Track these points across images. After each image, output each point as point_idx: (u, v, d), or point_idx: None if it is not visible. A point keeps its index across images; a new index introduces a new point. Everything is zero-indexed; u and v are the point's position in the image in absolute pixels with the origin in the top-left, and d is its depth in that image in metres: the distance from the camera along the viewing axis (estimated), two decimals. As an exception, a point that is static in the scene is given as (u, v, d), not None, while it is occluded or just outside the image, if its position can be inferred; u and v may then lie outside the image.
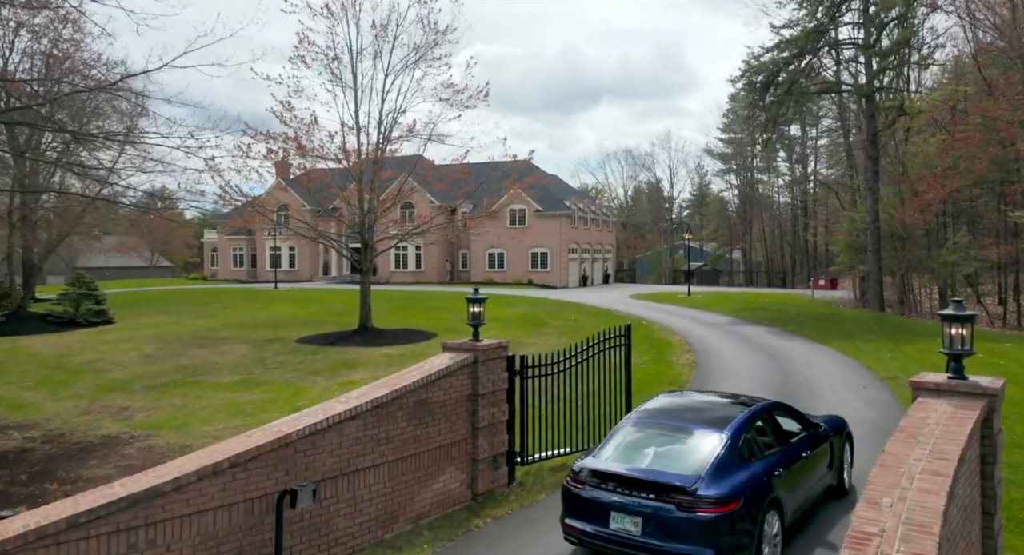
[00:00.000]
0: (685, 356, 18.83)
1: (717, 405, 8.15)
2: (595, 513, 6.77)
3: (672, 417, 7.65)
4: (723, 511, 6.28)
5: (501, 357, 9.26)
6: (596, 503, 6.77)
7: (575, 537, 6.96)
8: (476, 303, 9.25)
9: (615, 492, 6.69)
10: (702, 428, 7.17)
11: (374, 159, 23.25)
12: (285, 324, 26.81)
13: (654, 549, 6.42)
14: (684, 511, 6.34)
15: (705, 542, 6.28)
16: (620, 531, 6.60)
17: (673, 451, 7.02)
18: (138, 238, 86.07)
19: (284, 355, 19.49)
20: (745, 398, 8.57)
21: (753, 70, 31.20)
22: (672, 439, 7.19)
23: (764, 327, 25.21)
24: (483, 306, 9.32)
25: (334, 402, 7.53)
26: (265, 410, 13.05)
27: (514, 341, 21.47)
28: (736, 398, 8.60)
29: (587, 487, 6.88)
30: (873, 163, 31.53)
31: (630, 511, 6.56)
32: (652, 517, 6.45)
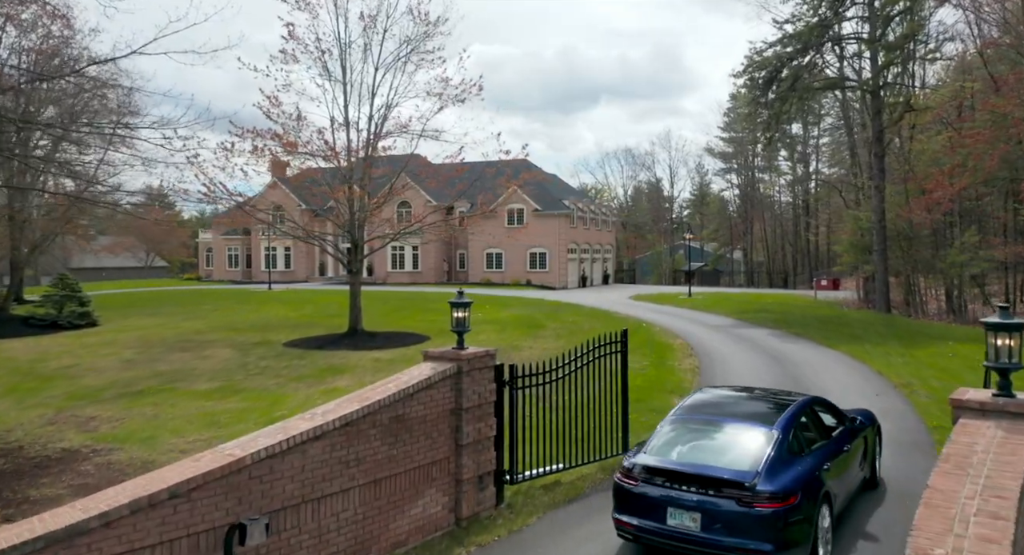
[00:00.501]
0: (687, 361, 18.03)
1: (759, 400, 8.33)
2: (650, 509, 6.78)
3: (717, 413, 7.74)
4: (782, 506, 6.32)
5: (488, 366, 8.46)
6: (651, 499, 6.79)
7: (629, 533, 6.98)
8: (460, 307, 8.44)
9: (671, 488, 6.71)
10: (750, 424, 7.27)
11: (364, 156, 22.45)
12: (274, 326, 26.00)
13: (714, 544, 6.43)
14: (744, 506, 6.36)
15: (765, 537, 6.29)
16: (679, 527, 6.61)
17: (724, 447, 7.07)
18: (133, 238, 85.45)
19: (269, 360, 18.68)
20: (783, 393, 8.72)
21: (756, 66, 30.40)
22: (721, 435, 7.26)
23: (768, 329, 24.40)
24: (468, 311, 8.52)
25: (297, 420, 6.72)
26: (240, 420, 12.24)
27: (509, 345, 20.71)
28: (774, 393, 8.77)
29: (641, 483, 6.89)
30: (879, 161, 30.72)
31: (688, 507, 6.57)
32: (711, 513, 6.47)
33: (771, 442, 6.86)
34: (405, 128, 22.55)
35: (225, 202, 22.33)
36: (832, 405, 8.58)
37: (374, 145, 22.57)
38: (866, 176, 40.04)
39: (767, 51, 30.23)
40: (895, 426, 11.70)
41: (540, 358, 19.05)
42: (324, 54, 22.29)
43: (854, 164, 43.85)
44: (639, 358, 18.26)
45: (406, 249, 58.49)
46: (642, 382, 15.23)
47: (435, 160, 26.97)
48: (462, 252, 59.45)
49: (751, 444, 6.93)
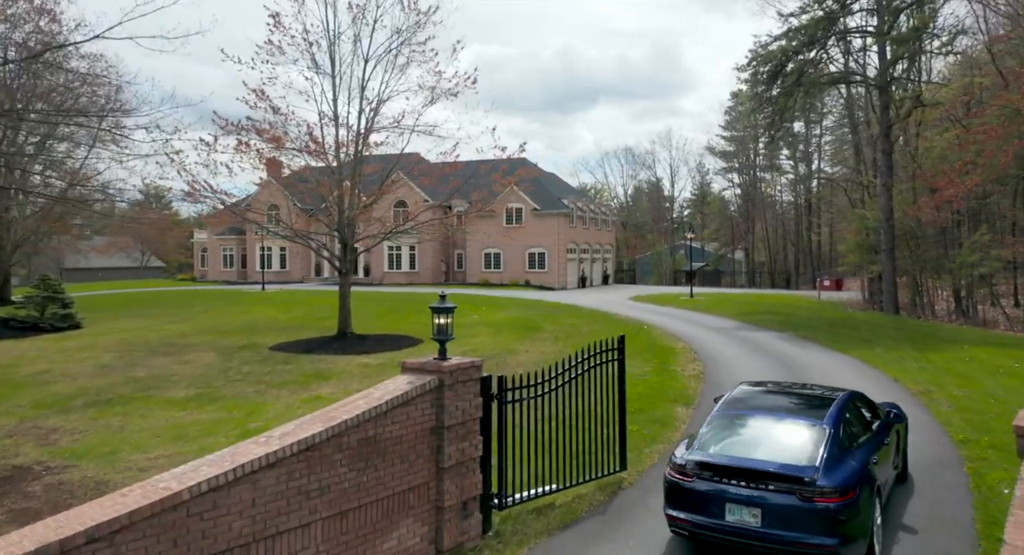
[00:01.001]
0: (691, 366, 17.14)
1: (800, 396, 8.43)
2: (707, 505, 6.75)
3: (762, 408, 7.80)
4: (843, 500, 6.35)
5: (474, 379, 7.58)
6: (708, 495, 6.75)
7: (684, 529, 6.94)
8: (442, 313, 7.57)
9: (730, 484, 6.68)
10: (800, 419, 7.35)
11: (354, 152, 21.59)
12: (262, 329, 25.13)
13: (776, 539, 6.44)
14: (805, 501, 6.36)
15: (828, 531, 6.30)
16: (738, 522, 6.59)
17: (777, 442, 7.06)
18: (129, 239, 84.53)
19: (252, 364, 17.82)
20: (820, 388, 8.87)
21: (761, 59, 29.53)
22: (772, 430, 7.28)
23: (774, 332, 23.52)
24: (451, 316, 7.65)
25: (249, 444, 5.84)
26: (211, 433, 11.36)
27: (504, 349, 19.83)
28: (812, 388, 8.94)
29: (696, 479, 6.85)
30: (886, 157, 29.86)
31: (748, 502, 6.55)
32: (772, 508, 6.46)
33: (825, 437, 6.90)
34: (397, 123, 21.71)
35: (210, 201, 21.45)
36: (869, 399, 8.68)
37: (365, 140, 21.71)
38: (871, 174, 39.19)
39: (772, 45, 29.38)
40: (916, 438, 10.82)
41: (537, 362, 18.23)
42: (312, 46, 21.46)
43: (859, 162, 42.95)
44: (640, 363, 17.39)
45: (403, 249, 57.61)
46: (644, 389, 14.36)
47: (430, 157, 26.04)
48: (460, 252, 58.59)
49: (805, 439, 6.96)
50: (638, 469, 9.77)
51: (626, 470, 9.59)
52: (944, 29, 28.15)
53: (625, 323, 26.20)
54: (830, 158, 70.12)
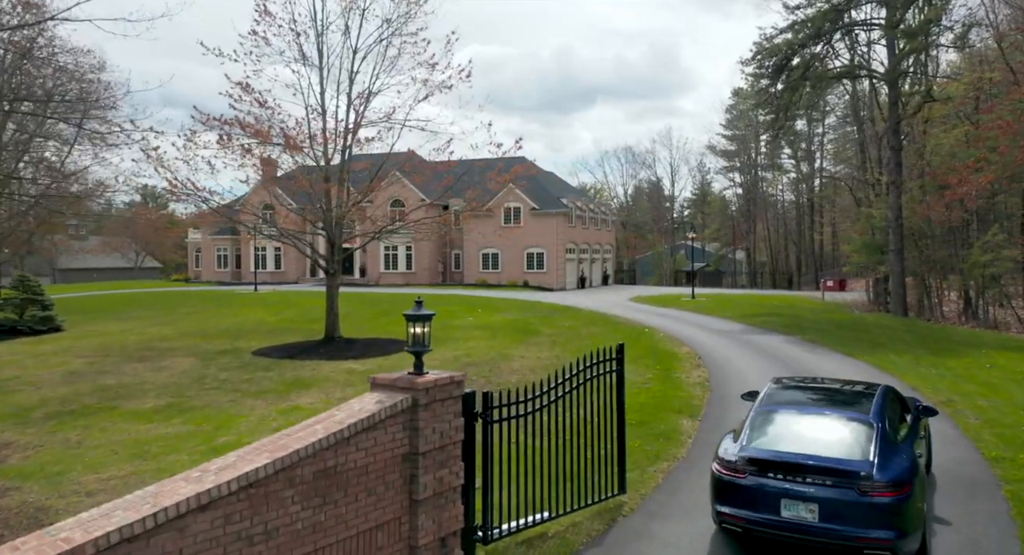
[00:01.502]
0: (696, 372, 16.19)
1: (838, 391, 8.51)
2: (761, 501, 6.70)
3: (805, 404, 7.85)
4: (900, 494, 6.38)
5: (454, 396, 6.62)
6: (762, 491, 6.71)
7: (738, 525, 6.87)
8: (417, 321, 6.62)
9: (785, 480, 6.65)
10: (845, 413, 7.34)
11: (343, 147, 20.66)
12: (248, 332, 24.18)
13: (834, 534, 6.40)
14: (864, 496, 6.37)
15: (886, 525, 6.32)
16: (794, 518, 6.55)
17: (828, 437, 7.02)
18: (124, 239, 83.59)
19: (231, 371, 16.86)
20: (854, 383, 9.03)
21: (766, 53, 28.59)
22: (818, 426, 7.22)
23: (781, 336, 22.58)
24: (427, 325, 6.70)
25: (178, 481, 4.88)
26: (174, 449, 10.41)
27: (499, 353, 18.88)
28: (846, 383, 9.06)
29: (749, 476, 6.80)
30: (895, 154, 28.93)
31: (805, 498, 6.52)
32: (829, 503, 6.44)
33: (874, 432, 6.92)
34: (388, 118, 20.76)
35: (191, 199, 20.48)
36: (900, 393, 8.57)
37: (354, 134, 20.77)
38: (877, 172, 38.27)
39: (777, 38, 28.44)
40: (946, 456, 9.89)
41: (532, 368, 17.30)
42: (300, 37, 20.52)
43: (864, 160, 42.02)
44: (642, 369, 16.45)
45: (399, 249, 56.71)
46: (646, 399, 13.41)
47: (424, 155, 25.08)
48: (457, 252, 57.66)
49: (854, 434, 6.96)
50: (640, 492, 8.82)
51: (626, 493, 8.65)
52: (957, 21, 27.20)
53: (625, 326, 25.27)
54: (833, 157, 69.13)
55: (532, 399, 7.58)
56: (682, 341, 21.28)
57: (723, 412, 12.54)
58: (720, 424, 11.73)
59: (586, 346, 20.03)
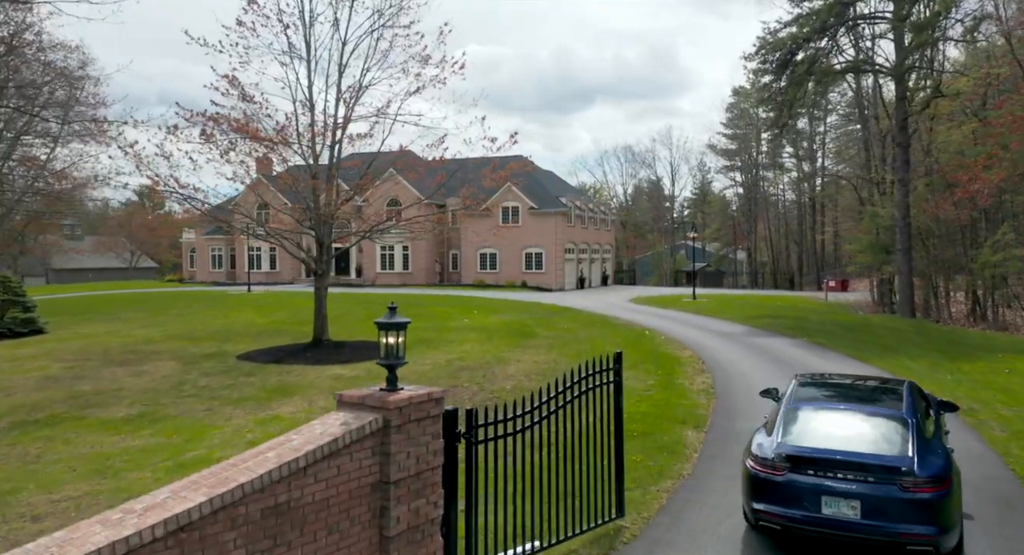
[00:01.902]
0: (699, 378, 15.41)
1: (863, 387, 8.65)
2: (801, 498, 6.64)
3: (835, 400, 7.85)
4: (941, 489, 6.37)
5: (432, 415, 5.85)
6: (801, 488, 6.65)
7: (776, 523, 6.77)
8: (391, 330, 5.85)
9: (826, 477, 6.59)
10: (877, 409, 7.40)
11: (332, 142, 19.87)
12: (236, 334, 23.40)
13: (876, 531, 6.36)
14: (906, 492, 6.34)
15: (928, 521, 6.29)
16: (836, 515, 6.50)
17: (864, 433, 6.99)
18: (118, 239, 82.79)
19: (213, 376, 16.08)
20: (876, 379, 9.40)
21: (770, 47, 27.80)
22: (852, 422, 7.20)
23: (787, 338, 21.80)
24: (402, 334, 5.93)
25: (94, 525, 4.10)
26: (138, 465, 9.63)
27: (494, 357, 18.09)
28: (869, 379, 9.40)
29: (788, 473, 6.73)
30: (903, 151, 28.15)
31: (847, 495, 6.49)
32: (871, 500, 6.41)
33: (909, 427, 6.92)
34: (379, 112, 19.97)
35: (176, 197, 19.69)
36: (921, 389, 8.49)
37: (344, 129, 19.97)
38: (882, 170, 37.52)
39: (781, 32, 27.65)
40: (974, 472, 9.10)
41: (528, 373, 16.52)
42: (288, 29, 19.74)
43: (869, 158, 41.24)
44: (643, 375, 15.67)
45: (396, 249, 55.92)
46: (648, 408, 12.63)
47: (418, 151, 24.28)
48: (455, 252, 56.88)
49: (891, 430, 6.96)
50: (643, 515, 8.05)
51: (624, 516, 7.88)
52: (968, 14, 26.38)
53: (625, 328, 24.49)
54: (834, 155, 68.40)
55: (522, 415, 6.80)
56: (684, 344, 20.51)
57: (730, 422, 11.76)
58: (728, 436, 10.96)
59: (584, 349, 19.26)
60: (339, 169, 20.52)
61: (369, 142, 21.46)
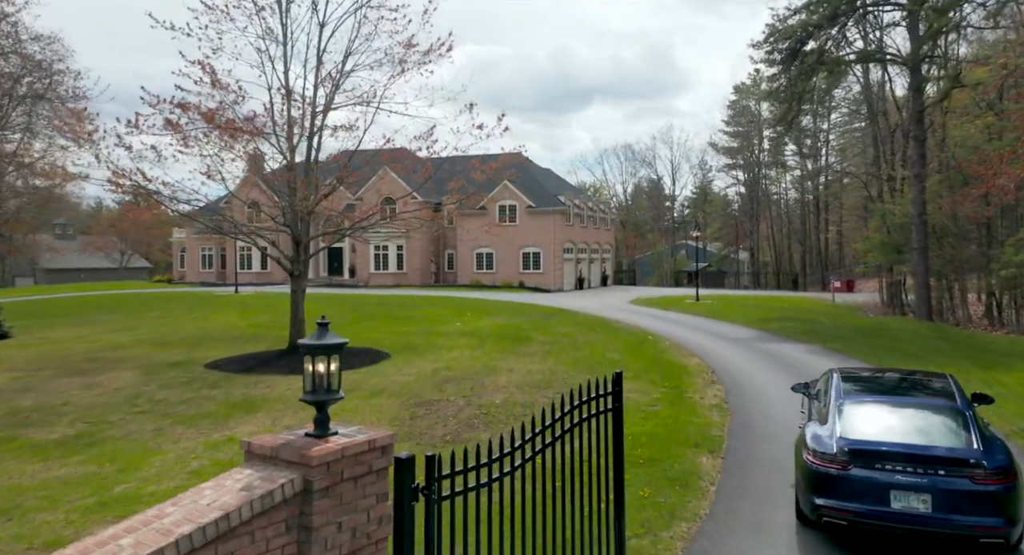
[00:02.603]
0: (710, 391, 13.93)
1: (911, 380, 8.64)
2: (868, 493, 6.50)
3: (886, 393, 7.90)
4: (1008, 482, 6.32)
5: (377, 470, 4.34)
6: (868, 483, 6.50)
7: (843, 519, 6.57)
8: (320, 355, 4.35)
9: (895, 470, 6.49)
10: (931, 402, 7.40)
11: (309, 132, 18.39)
12: (212, 339, 21.93)
13: (948, 524, 6.27)
14: (976, 484, 6.28)
15: (998, 512, 6.25)
16: (905, 509, 6.38)
17: (925, 426, 6.98)
18: (109, 238, 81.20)
19: (173, 388, 14.58)
20: (915, 372, 9.53)
21: (779, 35, 26.32)
22: (908, 415, 7.16)
23: (800, 344, 20.34)
24: (336, 360, 4.44)
25: None
26: (54, 504, 8.12)
27: (484, 366, 16.59)
28: (910, 373, 9.51)
29: (853, 467, 6.59)
30: (919, 145, 26.68)
31: (917, 488, 6.38)
32: (942, 493, 6.32)
33: (968, 419, 6.91)
34: (361, 99, 18.50)
35: (139, 192, 18.19)
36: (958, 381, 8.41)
37: (324, 117, 18.49)
38: (891, 167, 36.09)
39: (791, 19, 26.19)
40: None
41: (521, 385, 15.00)
42: (262, 11, 18.26)
43: (878, 154, 39.75)
44: (647, 387, 14.19)
45: (390, 249, 54.47)
46: (654, 427, 11.14)
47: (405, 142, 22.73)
48: (451, 252, 55.44)
49: (950, 423, 6.95)
50: (655, 572, 6.55)
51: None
52: (990, 0, 24.88)
53: (626, 332, 23.01)
54: (839, 153, 66.97)
55: (500, 459, 5.30)
56: (691, 351, 19.03)
57: (750, 445, 10.27)
58: (749, 463, 9.48)
59: (582, 356, 17.78)
60: (318, 164, 19.04)
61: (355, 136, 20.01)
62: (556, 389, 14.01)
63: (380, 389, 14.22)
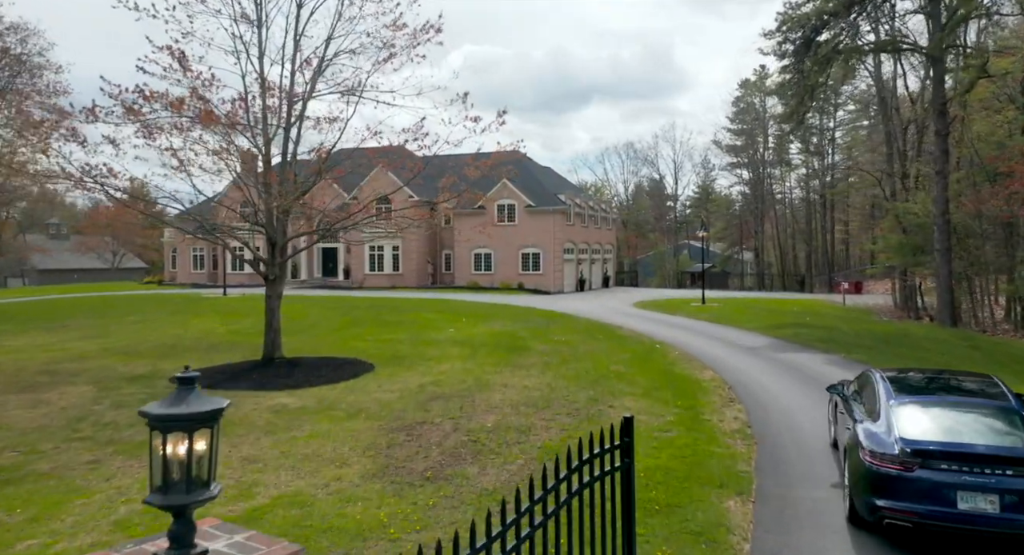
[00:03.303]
0: (730, 412, 12.34)
1: (957, 380, 8.66)
2: (934, 494, 6.44)
3: (938, 393, 7.90)
4: None
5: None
6: (935, 484, 6.45)
7: (908, 520, 6.52)
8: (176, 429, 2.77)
9: (961, 471, 6.41)
10: (986, 402, 7.34)
11: (286, 123, 16.82)
12: (184, 348, 20.37)
13: (1017, 525, 6.22)
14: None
15: None
16: (972, 510, 6.33)
17: (985, 427, 6.95)
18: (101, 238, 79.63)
19: (126, 408, 13.01)
20: (960, 373, 9.97)
21: (792, 23, 24.72)
22: (964, 415, 7.12)
23: (820, 354, 18.77)
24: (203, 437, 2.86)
25: None
26: (-71, 571, 6.56)
27: (476, 380, 15.00)
28: (953, 373, 9.97)
29: (919, 468, 6.52)
30: (942, 140, 25.09)
31: (984, 489, 6.34)
32: (1011, 493, 6.28)
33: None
34: (342, 86, 16.93)
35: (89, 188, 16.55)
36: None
37: (304, 105, 16.92)
38: (906, 163, 34.52)
39: (805, 6, 24.57)
40: None
41: (516, 403, 13.37)
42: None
43: (891, 151, 38.15)
44: (658, 407, 12.61)
45: (386, 249, 52.88)
46: (669, 460, 9.56)
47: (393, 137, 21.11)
48: (448, 253, 53.86)
49: (1008, 422, 6.92)
50: None
51: None
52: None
53: (632, 340, 21.44)
54: (846, 151, 65.33)
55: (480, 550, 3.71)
56: (703, 362, 17.45)
57: (785, 486, 8.69)
58: (787, 509, 7.91)
59: (584, 369, 16.20)
60: (296, 158, 17.47)
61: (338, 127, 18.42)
62: (555, 409, 12.45)
63: (358, 409, 12.65)
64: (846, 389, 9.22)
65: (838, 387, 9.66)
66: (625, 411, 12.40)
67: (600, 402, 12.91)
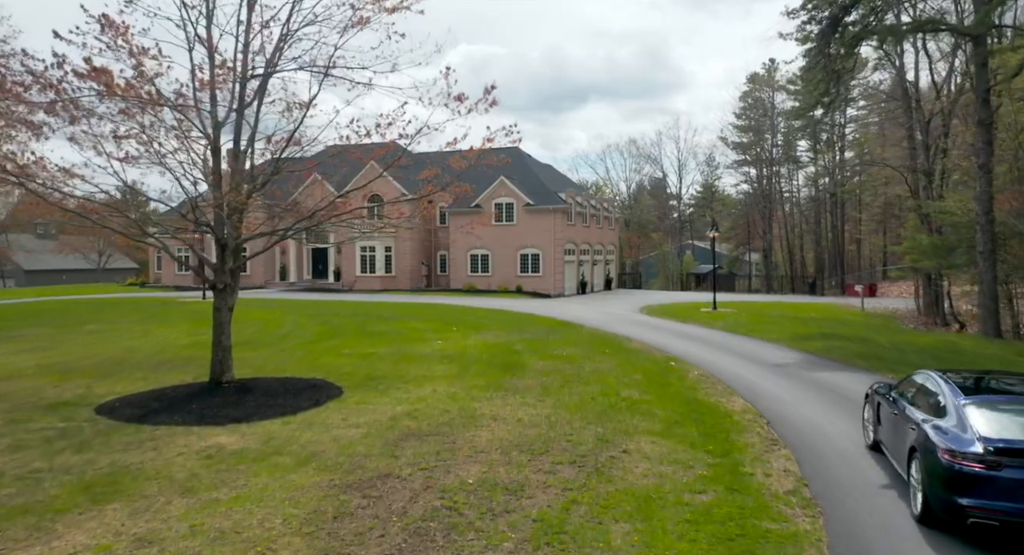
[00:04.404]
0: (775, 460, 9.78)
1: (1013, 379, 8.70)
2: (1018, 492, 6.38)
3: (1007, 393, 7.85)
4: None
5: None
6: (1020, 482, 6.38)
7: (994, 519, 6.46)
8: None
9: None
10: None
11: (239, 105, 14.29)
12: (130, 365, 17.85)
13: None
14: None
15: None
16: None
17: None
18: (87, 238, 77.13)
19: (23, 451, 10.49)
20: (1015, 373, 9.79)
21: (819, 1, 22.17)
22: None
23: (864, 373, 16.23)
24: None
25: None
26: None
27: (461, 410, 12.35)
28: (1005, 373, 9.90)
29: (1005, 467, 6.48)
30: (985, 131, 22.54)
31: None
32: None
33: None
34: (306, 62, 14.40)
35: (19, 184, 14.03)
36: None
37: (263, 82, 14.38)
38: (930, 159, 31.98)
39: (834, -20, 22.02)
40: None
41: (506, 445, 10.58)
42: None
43: (911, 146, 35.56)
44: (683, 451, 10.05)
45: (378, 250, 50.36)
46: (709, 548, 7.00)
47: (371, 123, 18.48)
48: (443, 253, 51.34)
49: None
50: None
51: None
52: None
53: (643, 355, 18.88)
54: (857, 147, 62.71)
55: None
56: (728, 384, 14.91)
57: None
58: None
59: (591, 395, 13.66)
60: (253, 145, 14.92)
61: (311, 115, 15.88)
62: (555, 454, 9.92)
63: (311, 453, 10.12)
64: (892, 391, 9.34)
65: (880, 388, 9.91)
66: (643, 458, 9.85)
67: (611, 444, 10.37)
